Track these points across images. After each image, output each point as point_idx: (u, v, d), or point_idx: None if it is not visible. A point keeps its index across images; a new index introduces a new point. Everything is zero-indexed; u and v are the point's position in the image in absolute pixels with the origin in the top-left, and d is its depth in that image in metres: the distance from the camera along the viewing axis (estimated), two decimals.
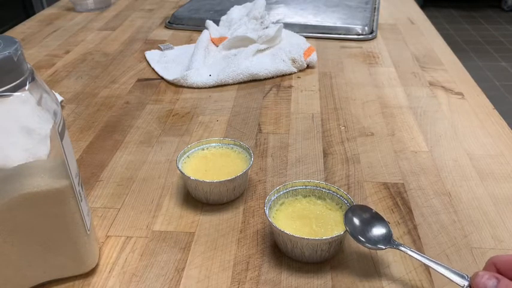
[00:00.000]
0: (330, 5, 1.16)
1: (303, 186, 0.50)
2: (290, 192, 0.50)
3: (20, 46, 0.35)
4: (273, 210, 0.48)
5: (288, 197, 0.50)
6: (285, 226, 0.46)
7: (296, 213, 0.48)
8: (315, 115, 0.72)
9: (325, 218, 0.47)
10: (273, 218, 0.47)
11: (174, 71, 0.85)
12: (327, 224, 0.46)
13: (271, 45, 0.90)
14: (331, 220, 0.47)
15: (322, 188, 0.50)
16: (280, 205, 0.49)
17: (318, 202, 0.49)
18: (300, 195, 0.50)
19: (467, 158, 0.61)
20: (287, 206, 0.49)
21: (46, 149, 0.37)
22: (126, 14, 1.20)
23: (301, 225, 0.46)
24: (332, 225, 0.46)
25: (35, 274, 0.42)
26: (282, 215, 0.48)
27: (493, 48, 3.16)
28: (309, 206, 0.49)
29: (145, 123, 0.70)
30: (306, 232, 0.45)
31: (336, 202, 0.49)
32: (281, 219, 0.47)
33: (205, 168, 0.55)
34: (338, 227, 0.46)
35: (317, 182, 0.50)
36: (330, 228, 0.46)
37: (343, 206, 0.48)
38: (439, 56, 0.92)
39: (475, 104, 0.74)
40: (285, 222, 0.47)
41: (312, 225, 0.46)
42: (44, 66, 0.90)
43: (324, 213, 0.48)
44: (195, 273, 0.45)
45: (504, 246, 0.48)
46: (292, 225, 0.46)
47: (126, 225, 0.51)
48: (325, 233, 0.45)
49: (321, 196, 0.50)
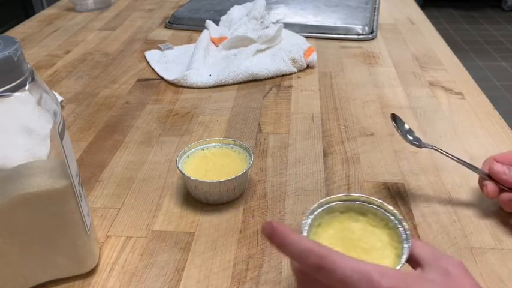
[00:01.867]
0: (330, 5, 1.16)
1: (340, 202, 0.43)
2: (326, 209, 0.43)
3: (20, 46, 0.35)
4: (309, 236, 0.40)
5: (324, 216, 0.42)
6: None
7: (336, 236, 0.41)
8: (315, 115, 0.72)
9: (370, 239, 0.41)
10: None
11: (174, 71, 0.85)
12: (374, 247, 0.40)
13: (271, 45, 0.90)
14: (377, 241, 0.40)
15: (363, 202, 0.43)
16: (317, 227, 0.42)
17: (359, 218, 0.43)
18: (337, 212, 0.43)
19: (467, 158, 0.61)
20: (325, 228, 0.42)
21: (46, 149, 0.37)
22: (126, 14, 1.20)
23: (345, 250, 0.39)
24: (380, 248, 0.40)
25: (35, 274, 0.42)
26: (321, 240, 0.40)
27: (493, 48, 3.16)
28: (349, 225, 0.42)
29: (145, 123, 0.70)
30: None
31: (379, 218, 0.42)
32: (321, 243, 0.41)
33: (205, 168, 0.55)
34: (386, 249, 0.39)
35: (356, 196, 0.43)
36: (379, 253, 0.39)
37: (389, 222, 0.41)
38: (439, 56, 0.92)
39: (475, 104, 0.74)
40: None
41: (358, 251, 0.40)
42: (44, 66, 0.90)
43: (367, 232, 0.41)
44: (195, 273, 0.45)
45: (504, 246, 0.48)
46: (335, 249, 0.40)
47: (126, 225, 0.51)
48: (374, 260, 0.38)
49: (361, 211, 0.43)
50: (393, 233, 0.40)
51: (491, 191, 0.50)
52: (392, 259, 0.38)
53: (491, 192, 0.50)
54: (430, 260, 0.35)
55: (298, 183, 0.57)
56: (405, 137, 0.54)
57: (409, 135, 0.55)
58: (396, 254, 0.39)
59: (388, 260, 0.38)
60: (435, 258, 0.35)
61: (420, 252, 0.37)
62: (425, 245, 0.38)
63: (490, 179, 0.50)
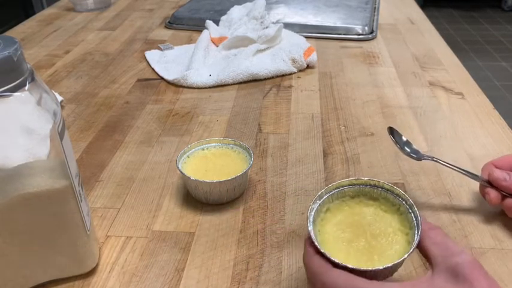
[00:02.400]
0: (330, 5, 1.16)
1: (350, 186, 0.42)
2: (335, 194, 0.42)
3: (20, 46, 0.35)
4: (317, 221, 0.40)
5: (333, 201, 0.41)
6: (333, 242, 0.39)
7: (345, 222, 0.40)
8: (315, 115, 0.72)
9: (380, 224, 0.40)
10: (318, 232, 0.39)
11: (174, 71, 0.85)
12: (384, 233, 0.39)
13: (271, 45, 0.90)
14: (388, 227, 0.40)
15: (374, 186, 0.42)
16: (325, 213, 0.41)
17: (369, 203, 0.42)
18: (348, 196, 0.42)
19: (467, 158, 0.61)
20: (334, 213, 0.41)
21: (46, 149, 0.37)
22: (126, 14, 1.20)
23: (353, 236, 0.39)
24: (391, 234, 0.39)
25: (35, 274, 0.42)
26: (329, 226, 0.40)
27: (493, 48, 3.16)
28: (359, 209, 0.41)
29: (145, 123, 0.70)
30: (361, 247, 0.38)
31: (391, 202, 0.41)
32: (328, 231, 0.40)
33: (205, 168, 0.55)
34: (396, 235, 0.39)
35: (366, 180, 0.42)
36: (389, 239, 0.39)
37: (401, 207, 0.40)
38: (439, 56, 0.92)
39: (475, 104, 0.74)
40: (333, 236, 0.39)
41: (367, 237, 0.39)
42: (44, 66, 0.90)
43: (378, 217, 0.40)
44: (195, 273, 0.45)
45: (504, 246, 0.48)
46: (342, 238, 0.39)
47: (126, 225, 0.51)
48: (384, 246, 0.38)
49: (372, 196, 0.42)
50: (404, 218, 0.39)
51: (494, 198, 0.49)
52: (403, 246, 0.38)
53: (494, 199, 0.49)
54: (440, 259, 0.34)
55: (298, 183, 0.57)
56: (403, 150, 0.54)
57: (407, 147, 0.54)
58: (407, 241, 0.38)
59: (398, 246, 0.38)
60: (446, 257, 0.34)
61: (431, 247, 0.36)
62: (437, 235, 0.36)
63: (491, 186, 0.50)
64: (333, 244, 0.38)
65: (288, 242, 0.48)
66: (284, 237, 0.49)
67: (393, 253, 0.37)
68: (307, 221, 0.38)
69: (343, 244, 0.38)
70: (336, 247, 0.38)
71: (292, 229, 0.50)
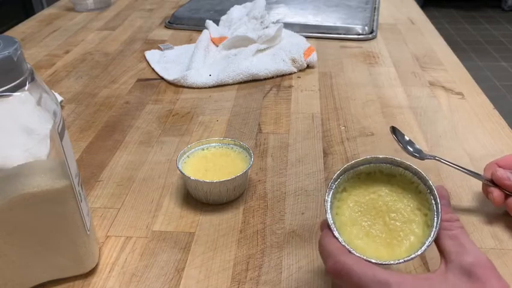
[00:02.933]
0: (330, 5, 1.16)
1: (366, 163, 0.41)
2: (351, 173, 0.41)
3: (20, 46, 0.35)
4: (334, 203, 0.40)
5: (348, 180, 0.41)
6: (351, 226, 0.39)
7: (362, 201, 0.40)
8: (315, 115, 0.72)
9: (398, 203, 0.40)
10: (336, 216, 0.39)
11: (174, 71, 0.85)
12: (402, 213, 0.39)
13: (271, 45, 0.90)
14: (406, 206, 0.39)
15: (391, 163, 0.40)
16: (342, 192, 0.40)
17: (386, 179, 0.41)
18: (363, 173, 0.41)
19: (467, 158, 0.61)
20: (350, 192, 0.41)
21: (46, 149, 0.37)
22: (126, 14, 1.20)
23: (371, 218, 0.39)
24: (409, 213, 0.39)
25: (35, 274, 0.42)
26: (346, 207, 0.40)
27: (493, 48, 3.16)
28: (377, 187, 0.41)
29: (145, 123, 0.70)
30: (379, 231, 0.38)
31: (409, 180, 0.40)
32: (346, 214, 0.39)
33: (205, 168, 0.55)
34: (415, 216, 0.39)
35: (383, 157, 0.41)
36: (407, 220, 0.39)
37: (419, 185, 0.39)
38: (439, 56, 0.92)
39: (475, 104, 0.74)
40: (350, 220, 0.39)
41: (385, 217, 0.39)
42: (44, 66, 0.90)
43: (395, 195, 0.40)
44: (195, 274, 0.45)
45: (504, 246, 0.48)
46: (360, 222, 0.39)
47: (126, 225, 0.51)
48: (402, 229, 0.38)
49: (389, 173, 0.41)
50: (423, 198, 0.39)
51: (497, 197, 0.49)
52: (421, 228, 0.38)
53: (497, 198, 0.49)
54: (453, 255, 0.34)
55: (298, 183, 0.57)
56: (406, 149, 0.54)
57: (409, 147, 0.55)
58: (425, 222, 0.38)
59: (416, 228, 0.38)
60: (460, 254, 0.34)
61: (446, 242, 0.36)
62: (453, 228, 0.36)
63: (494, 185, 0.50)
64: (351, 229, 0.39)
65: (288, 242, 0.48)
66: (284, 237, 0.49)
67: (412, 236, 0.38)
68: (325, 206, 0.39)
69: (361, 229, 0.38)
70: (354, 232, 0.38)
71: (292, 229, 0.50)
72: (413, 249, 0.37)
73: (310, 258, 0.46)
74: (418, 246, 0.37)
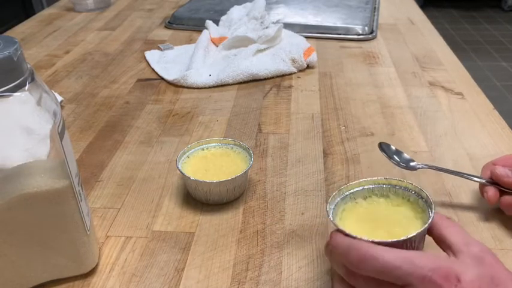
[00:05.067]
0: (330, 5, 1.16)
1: (360, 188, 0.44)
2: (348, 196, 0.44)
3: (20, 46, 0.35)
4: (336, 221, 0.41)
5: (346, 203, 0.44)
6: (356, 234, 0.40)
7: (363, 219, 0.43)
8: (315, 115, 0.72)
9: (395, 216, 0.42)
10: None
11: (174, 71, 0.85)
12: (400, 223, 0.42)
13: (271, 45, 0.90)
14: (402, 218, 0.42)
15: (383, 185, 0.44)
16: (342, 212, 0.43)
17: (381, 201, 0.44)
18: (360, 198, 0.44)
19: (467, 158, 0.61)
20: (350, 212, 0.43)
21: (46, 149, 0.37)
22: (126, 14, 1.20)
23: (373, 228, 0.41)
24: (406, 223, 0.41)
25: (34, 274, 0.42)
26: (348, 223, 0.42)
27: (493, 48, 3.16)
28: (373, 208, 0.44)
29: (145, 123, 0.70)
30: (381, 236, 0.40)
31: (401, 196, 0.43)
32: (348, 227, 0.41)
33: (205, 168, 0.55)
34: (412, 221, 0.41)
35: (375, 179, 0.44)
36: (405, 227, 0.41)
37: (410, 198, 0.43)
38: (439, 56, 0.92)
39: (475, 104, 0.74)
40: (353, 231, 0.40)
41: (386, 227, 0.41)
42: (44, 66, 0.90)
43: (391, 211, 0.43)
44: (195, 274, 0.45)
45: (504, 246, 0.48)
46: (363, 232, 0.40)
47: (126, 225, 0.51)
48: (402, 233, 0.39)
49: (383, 194, 0.44)
50: (415, 205, 0.42)
51: (492, 196, 0.49)
52: (420, 226, 0.40)
53: (491, 197, 0.49)
54: (461, 246, 0.36)
55: (298, 183, 0.57)
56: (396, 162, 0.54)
57: (397, 157, 0.55)
58: (422, 223, 0.40)
59: (415, 228, 0.40)
60: (466, 244, 0.36)
61: (450, 235, 0.37)
62: (454, 226, 0.38)
63: (490, 185, 0.50)
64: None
65: (288, 242, 0.48)
66: (284, 237, 0.49)
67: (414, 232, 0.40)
68: (328, 216, 0.41)
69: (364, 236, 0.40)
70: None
71: (292, 229, 0.50)
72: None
73: (310, 258, 0.46)
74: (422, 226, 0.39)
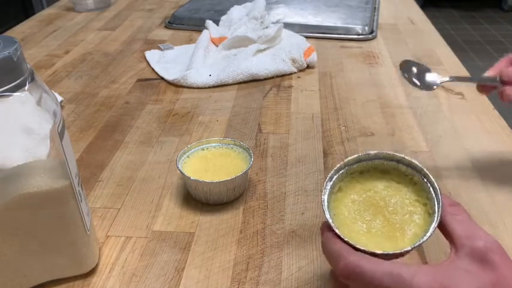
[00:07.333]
0: (330, 5, 1.16)
1: (358, 162, 0.40)
2: (344, 173, 0.40)
3: (20, 46, 0.35)
4: (330, 204, 0.38)
5: (343, 179, 0.40)
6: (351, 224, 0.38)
7: (359, 200, 0.39)
8: (315, 115, 0.72)
9: (395, 197, 0.39)
10: (334, 217, 0.38)
11: (174, 71, 0.85)
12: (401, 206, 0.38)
13: (271, 45, 0.90)
14: (404, 199, 0.38)
15: (383, 159, 0.40)
16: (337, 193, 0.39)
17: (380, 176, 0.40)
18: (356, 172, 0.40)
19: (467, 158, 0.61)
20: (346, 192, 0.39)
21: (46, 149, 0.37)
22: (126, 14, 1.20)
23: (370, 215, 0.38)
24: (408, 206, 0.38)
25: (34, 274, 0.42)
26: (343, 206, 0.39)
27: (493, 48, 3.15)
28: (371, 184, 0.40)
29: (145, 123, 0.70)
30: (380, 226, 0.37)
31: (403, 173, 0.39)
32: (344, 213, 0.38)
33: (205, 168, 0.55)
34: (415, 207, 0.38)
35: (375, 153, 0.40)
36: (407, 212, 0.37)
37: (414, 177, 0.38)
38: (439, 56, 0.92)
39: (475, 104, 0.74)
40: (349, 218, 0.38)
41: (384, 212, 0.38)
42: (44, 66, 0.90)
43: (392, 190, 0.39)
44: (195, 274, 0.45)
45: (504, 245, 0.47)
46: (360, 219, 0.38)
47: (126, 225, 0.51)
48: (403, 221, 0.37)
49: (383, 169, 0.40)
50: (419, 188, 0.38)
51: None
52: (423, 217, 0.37)
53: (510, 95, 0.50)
54: (464, 239, 0.33)
55: (298, 183, 0.57)
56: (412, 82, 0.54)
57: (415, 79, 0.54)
58: (426, 212, 0.37)
59: (418, 218, 0.37)
60: (469, 237, 0.33)
61: (454, 226, 0.34)
62: (459, 214, 0.35)
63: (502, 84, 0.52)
64: (352, 227, 0.37)
65: (288, 242, 0.48)
66: (284, 237, 0.49)
67: (414, 227, 0.36)
68: (323, 207, 0.37)
69: (362, 226, 0.37)
70: (355, 229, 0.37)
71: (292, 229, 0.50)
72: (418, 238, 0.35)
73: (310, 259, 0.46)
74: (422, 235, 0.35)
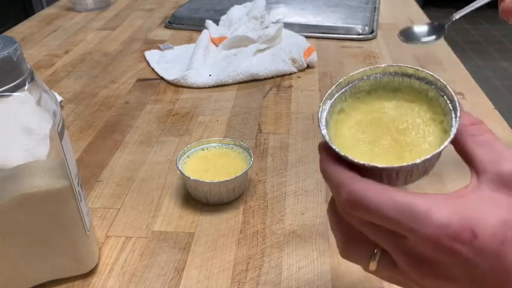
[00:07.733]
0: (330, 5, 1.16)
1: (365, 77, 0.33)
2: (348, 91, 0.33)
3: (19, 46, 0.35)
4: (330, 124, 0.32)
5: (346, 99, 0.33)
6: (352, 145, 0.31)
7: (364, 121, 0.33)
8: (315, 115, 0.72)
9: (407, 117, 0.32)
10: (334, 136, 0.32)
11: (174, 71, 0.85)
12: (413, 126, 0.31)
13: (271, 45, 0.90)
14: (416, 118, 0.32)
15: (394, 74, 0.32)
16: (339, 114, 0.33)
17: (390, 95, 0.33)
18: (363, 92, 0.33)
19: None
20: (348, 113, 0.33)
21: (45, 149, 0.37)
22: (126, 13, 1.20)
23: (375, 136, 0.31)
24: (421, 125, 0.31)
25: (34, 274, 0.42)
26: (345, 128, 0.32)
27: (493, 48, 3.16)
28: (379, 105, 0.33)
29: (145, 123, 0.70)
30: (387, 145, 0.31)
31: (416, 90, 0.32)
32: (345, 134, 0.32)
33: (205, 168, 0.55)
34: (428, 126, 0.31)
35: (383, 67, 0.33)
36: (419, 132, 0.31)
37: (429, 91, 0.32)
38: (439, 56, 0.92)
39: (475, 104, 0.74)
40: (351, 139, 0.32)
41: (393, 133, 0.31)
42: (44, 66, 0.90)
43: (403, 109, 0.32)
44: (194, 274, 0.45)
45: None
46: (363, 139, 0.32)
47: (126, 226, 0.51)
48: (414, 140, 0.31)
49: (393, 86, 0.33)
50: (435, 104, 0.32)
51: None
52: (438, 136, 0.31)
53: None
54: (488, 163, 0.28)
55: (298, 183, 0.57)
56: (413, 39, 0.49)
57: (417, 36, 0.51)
58: (442, 130, 0.31)
59: (432, 137, 0.31)
60: (494, 161, 0.27)
61: (476, 149, 0.29)
62: (480, 132, 0.29)
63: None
64: (353, 148, 0.31)
65: (288, 242, 0.48)
66: (284, 237, 0.49)
67: (427, 146, 0.30)
68: (318, 123, 0.31)
69: (365, 146, 0.31)
70: (358, 150, 0.31)
71: (292, 229, 0.50)
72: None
73: (310, 259, 0.46)
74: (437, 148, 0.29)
